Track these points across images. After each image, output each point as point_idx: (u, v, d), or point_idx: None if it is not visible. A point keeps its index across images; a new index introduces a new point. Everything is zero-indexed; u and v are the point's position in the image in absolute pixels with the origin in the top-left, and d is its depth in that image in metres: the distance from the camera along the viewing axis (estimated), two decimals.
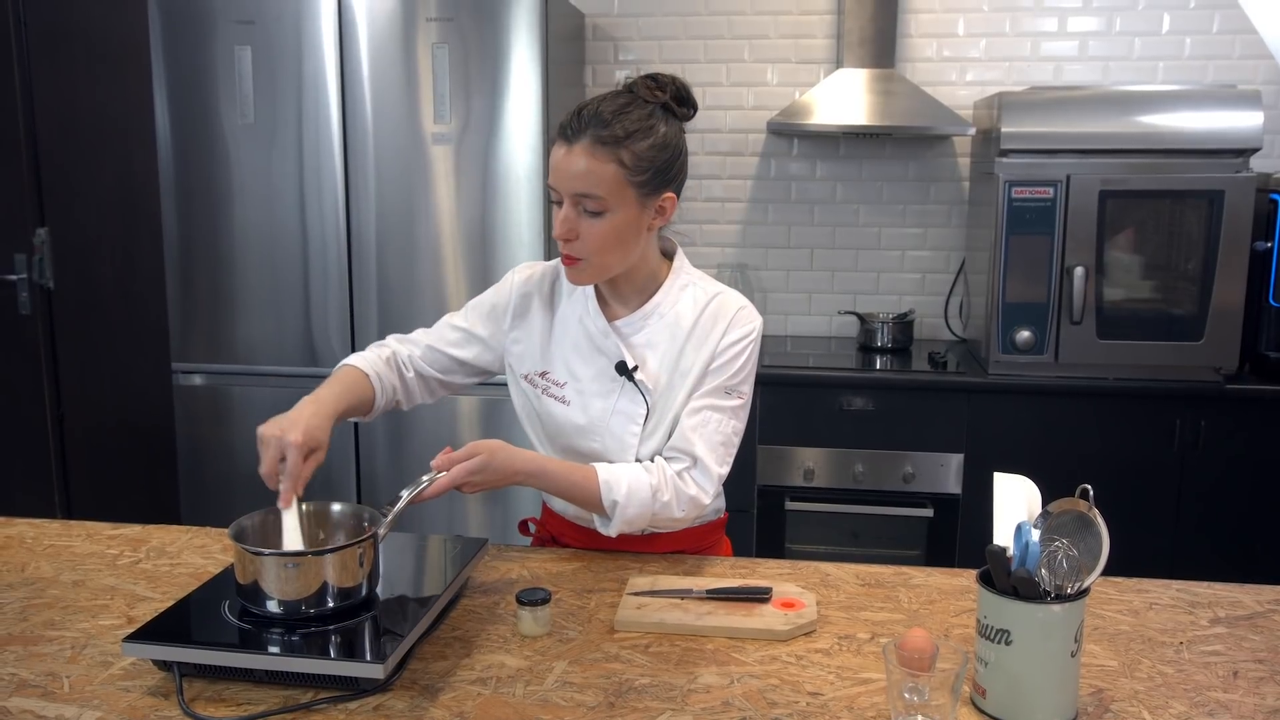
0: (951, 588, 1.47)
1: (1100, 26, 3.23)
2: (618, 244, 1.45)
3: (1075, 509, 1.14)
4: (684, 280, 1.57)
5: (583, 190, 1.41)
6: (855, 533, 2.95)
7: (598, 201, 1.42)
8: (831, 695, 1.17)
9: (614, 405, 1.54)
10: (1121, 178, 2.76)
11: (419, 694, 1.16)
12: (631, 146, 1.41)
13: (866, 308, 3.43)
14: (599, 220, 1.43)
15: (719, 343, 1.52)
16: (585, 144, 1.40)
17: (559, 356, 1.59)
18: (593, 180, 1.41)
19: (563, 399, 1.57)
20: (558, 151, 1.43)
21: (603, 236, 1.43)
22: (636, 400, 1.53)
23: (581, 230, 1.43)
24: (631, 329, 1.56)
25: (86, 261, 3.34)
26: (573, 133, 1.42)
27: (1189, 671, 1.23)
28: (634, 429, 1.53)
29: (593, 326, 1.56)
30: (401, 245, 2.85)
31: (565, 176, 1.42)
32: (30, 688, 1.17)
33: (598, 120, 1.41)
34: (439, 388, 1.67)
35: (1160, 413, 2.79)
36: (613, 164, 1.41)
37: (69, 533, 1.67)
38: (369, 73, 2.79)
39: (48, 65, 3.23)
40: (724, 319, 1.53)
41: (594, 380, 1.55)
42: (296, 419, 1.37)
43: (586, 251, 1.45)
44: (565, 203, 1.43)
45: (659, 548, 1.61)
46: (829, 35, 3.34)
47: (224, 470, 3.01)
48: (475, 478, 1.40)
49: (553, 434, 1.60)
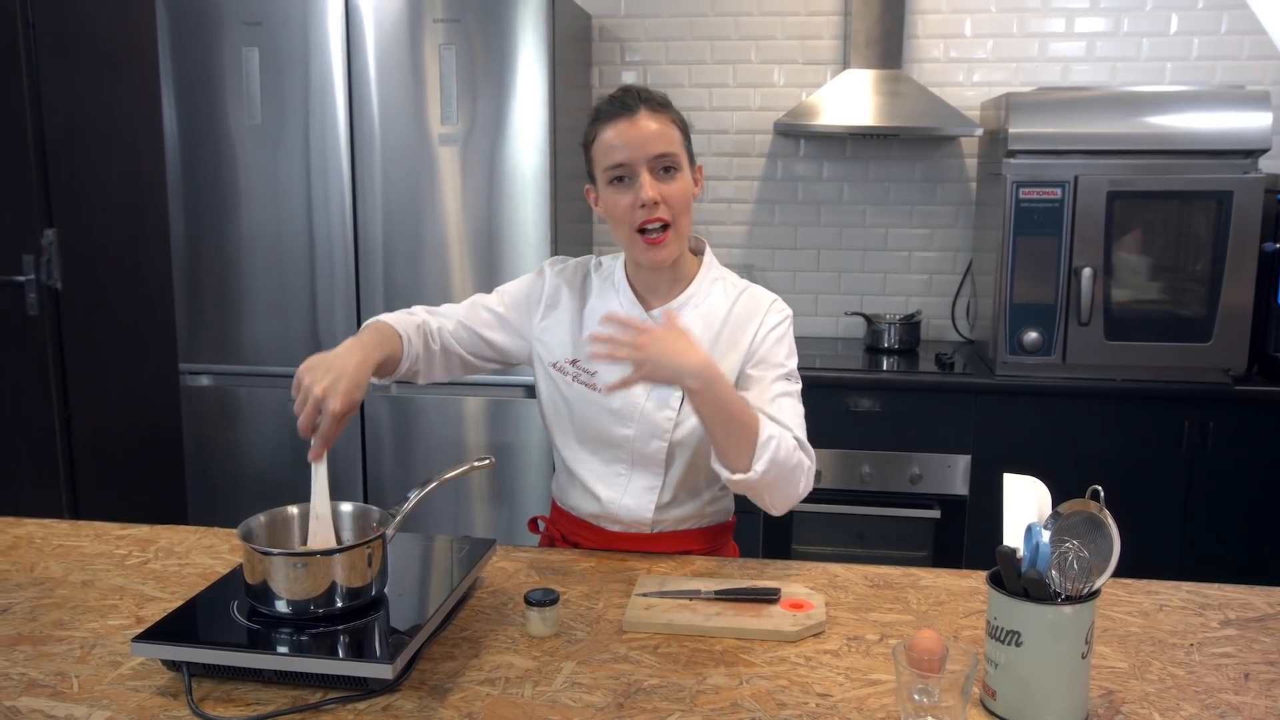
0: (960, 589, 1.47)
1: (1108, 27, 3.22)
2: (689, 206, 1.52)
3: (1086, 510, 1.13)
4: (714, 274, 1.63)
5: (661, 149, 1.48)
6: (861, 534, 2.94)
7: (672, 158, 1.48)
8: (841, 696, 1.16)
9: (649, 391, 1.55)
10: (1129, 179, 2.75)
11: (427, 694, 1.16)
12: (678, 114, 1.53)
13: (873, 309, 3.42)
14: (676, 179, 1.49)
15: (756, 335, 1.56)
16: (646, 111, 1.48)
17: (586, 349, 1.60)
18: (667, 139, 1.48)
19: (594, 385, 1.58)
20: (618, 125, 1.47)
21: (682, 195, 1.49)
22: (673, 386, 1.52)
23: (663, 193, 1.48)
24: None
25: (94, 263, 3.35)
26: (630, 105, 1.49)
27: (1200, 674, 1.22)
28: (669, 414, 1.55)
29: (629, 317, 1.56)
30: (408, 246, 2.86)
31: (640, 141, 1.47)
32: (40, 687, 1.18)
33: (646, 93, 1.51)
34: (460, 366, 1.66)
35: (1168, 414, 2.79)
36: (674, 126, 1.51)
37: (78, 533, 1.68)
38: (376, 74, 2.80)
39: (56, 67, 3.24)
40: (759, 311, 1.59)
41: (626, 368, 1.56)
42: (337, 380, 1.32)
43: (673, 214, 1.49)
44: (644, 170, 1.47)
45: (668, 549, 1.61)
46: (836, 36, 3.34)
47: (231, 471, 3.02)
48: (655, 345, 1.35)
49: (582, 422, 1.60)
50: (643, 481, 1.59)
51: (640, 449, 1.56)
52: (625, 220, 1.49)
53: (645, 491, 1.59)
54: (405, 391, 2.91)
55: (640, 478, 1.59)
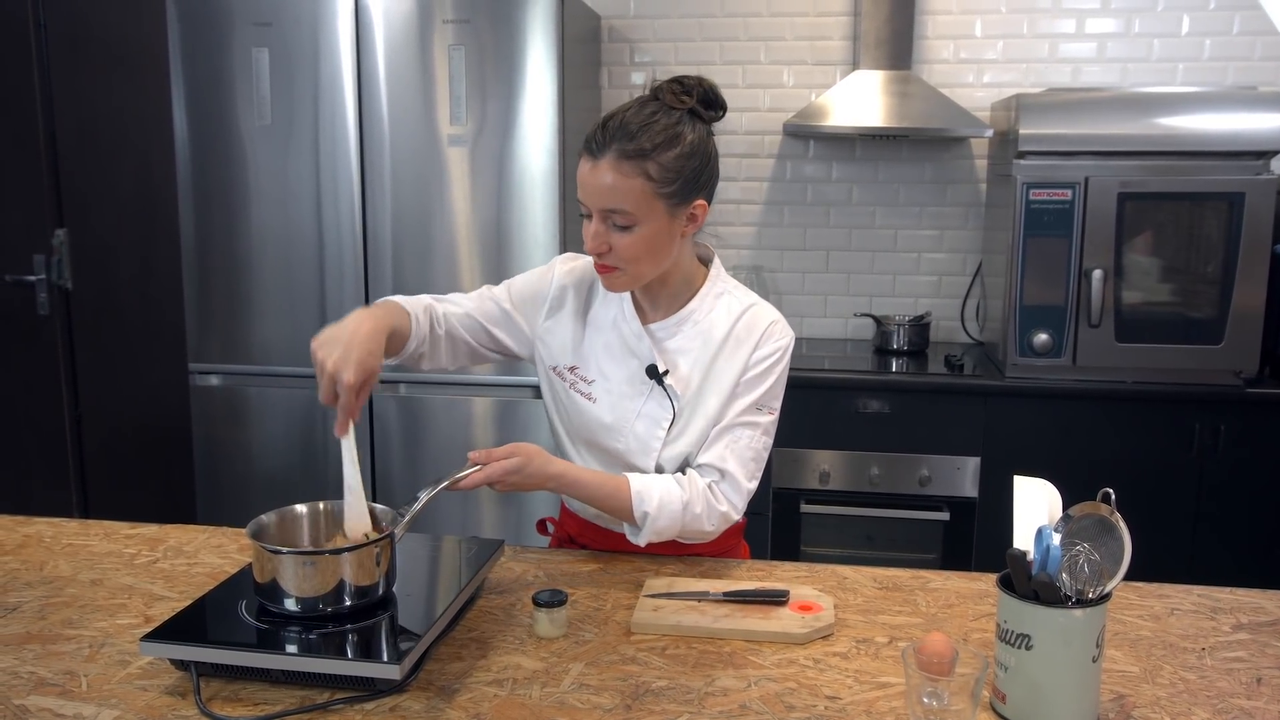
0: (970, 592, 1.46)
1: (1119, 28, 3.21)
2: (649, 254, 1.45)
3: (1097, 513, 1.13)
4: (719, 288, 1.57)
5: (610, 206, 1.40)
6: (870, 536, 2.93)
7: (625, 216, 1.40)
8: (849, 699, 1.16)
9: (640, 408, 1.54)
10: (1140, 180, 2.74)
11: (435, 695, 1.16)
12: (658, 158, 1.39)
13: (882, 310, 3.41)
14: (629, 234, 1.42)
15: (750, 356, 1.52)
16: (611, 159, 1.39)
17: (591, 354, 1.59)
18: (619, 195, 1.39)
19: (590, 395, 1.57)
20: (584, 166, 1.42)
21: (633, 248, 1.42)
22: (664, 404, 1.53)
23: (613, 243, 1.43)
24: (665, 334, 1.56)
25: (105, 263, 3.36)
26: (598, 147, 1.40)
27: (1211, 678, 1.21)
28: (659, 433, 1.53)
29: (627, 329, 1.56)
30: (417, 247, 2.86)
31: (592, 192, 1.41)
32: (48, 686, 1.18)
33: (623, 133, 1.39)
34: (466, 355, 1.64)
35: (1179, 417, 2.77)
36: (639, 178, 1.39)
37: (87, 532, 1.68)
38: (385, 74, 2.80)
39: (67, 68, 3.25)
40: (756, 332, 1.53)
41: (624, 382, 1.55)
42: (348, 351, 1.31)
43: (620, 262, 1.44)
44: (595, 217, 1.43)
45: (677, 551, 1.61)
46: (845, 37, 3.33)
47: (240, 470, 3.02)
48: (511, 478, 1.40)
49: (577, 428, 1.60)
50: None
51: (632, 461, 1.55)
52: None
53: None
54: (414, 392, 2.91)
55: None
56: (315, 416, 2.96)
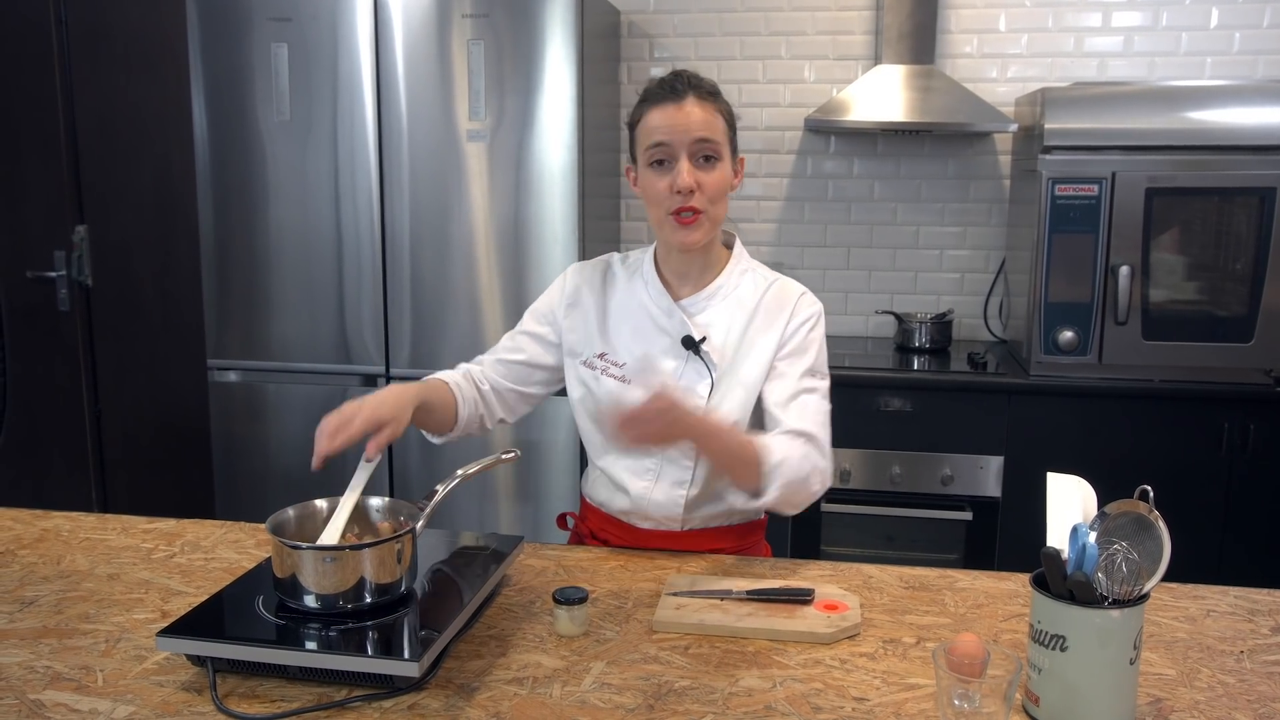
0: (999, 591, 1.43)
1: (1146, 21, 3.16)
2: (723, 196, 1.52)
3: (1134, 510, 1.10)
4: (744, 265, 1.62)
5: (704, 135, 1.47)
6: (891, 536, 2.90)
7: (713, 146, 1.48)
8: (877, 701, 1.13)
9: (678, 379, 1.55)
10: (1168, 175, 2.70)
11: (454, 693, 1.14)
12: (727, 104, 1.54)
13: (904, 307, 3.38)
14: (714, 169, 1.49)
15: (786, 327, 1.56)
16: (694, 98, 1.48)
17: (618, 338, 1.60)
18: (710, 126, 1.48)
19: (623, 378, 1.57)
20: (664, 110, 1.47)
21: (718, 185, 1.50)
22: (701, 373, 1.54)
23: (700, 180, 1.48)
24: (696, 308, 1.59)
25: (124, 259, 3.36)
26: (679, 90, 1.48)
27: (1252, 682, 1.18)
28: (699, 402, 1.54)
29: (655, 308, 1.58)
30: (435, 242, 2.85)
31: (684, 126, 1.47)
32: (64, 681, 1.16)
33: (695, 80, 1.51)
34: (517, 401, 1.67)
35: (1208, 416, 2.73)
36: (719, 115, 1.51)
37: (104, 526, 1.67)
38: (404, 69, 2.79)
39: (87, 65, 3.26)
40: (788, 303, 1.57)
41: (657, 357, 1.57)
42: (362, 402, 1.35)
43: (705, 202, 1.49)
44: (682, 157, 1.47)
45: (699, 546, 1.59)
46: (867, 31, 3.29)
47: (259, 466, 3.02)
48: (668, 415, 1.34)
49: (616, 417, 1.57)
50: (672, 476, 1.58)
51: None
52: (660, 203, 1.50)
53: (675, 486, 1.58)
54: None
55: (670, 472, 1.58)
56: None
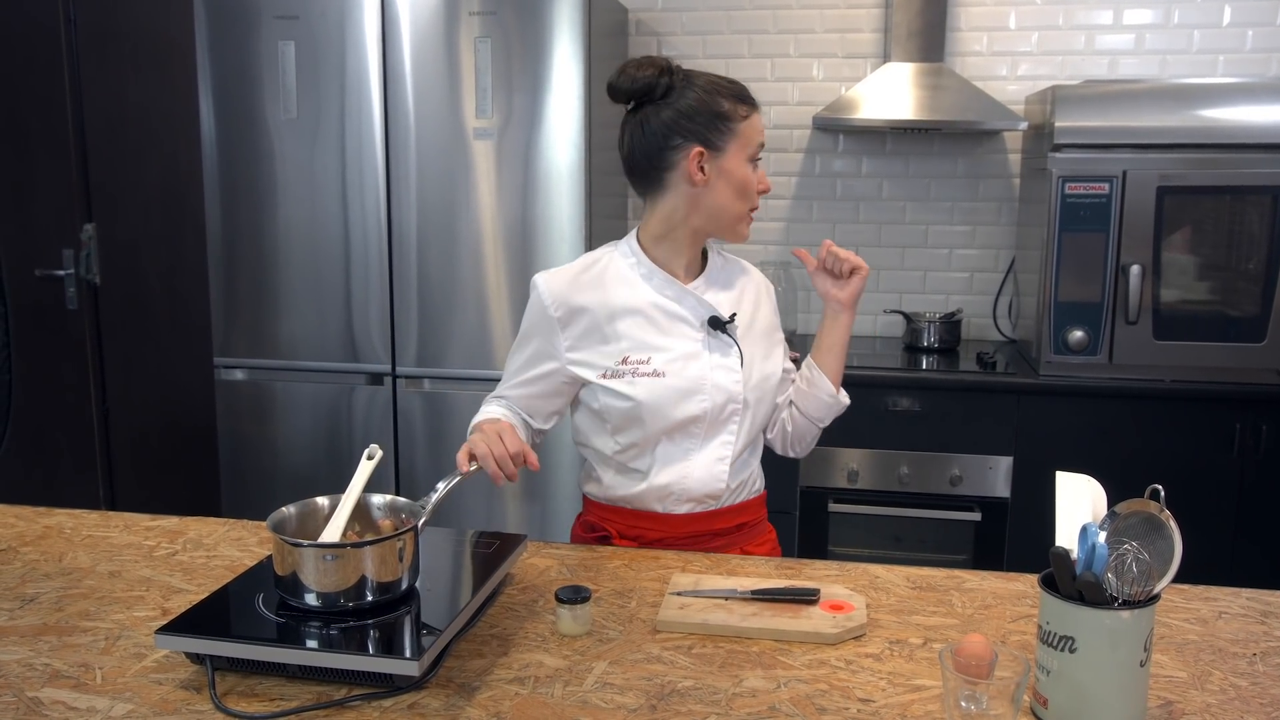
0: (1007, 592, 1.41)
1: (1158, 19, 3.14)
2: None
3: (1145, 510, 1.08)
4: (714, 247, 1.73)
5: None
6: (898, 536, 2.88)
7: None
8: (883, 702, 1.12)
9: (711, 360, 1.59)
10: (1180, 173, 2.67)
11: (455, 692, 1.13)
12: None
13: (913, 307, 3.36)
14: None
15: (770, 297, 1.73)
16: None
17: (636, 340, 1.57)
18: None
19: (655, 373, 1.56)
20: (756, 119, 1.59)
21: None
22: (729, 350, 1.60)
23: None
24: (703, 290, 1.63)
25: (132, 257, 3.36)
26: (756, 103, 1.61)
27: (1264, 684, 1.16)
28: (736, 376, 1.59)
29: (662, 296, 1.60)
30: (442, 241, 2.84)
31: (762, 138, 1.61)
32: (63, 678, 1.16)
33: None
34: (551, 414, 1.67)
35: (1219, 416, 2.70)
36: None
37: (107, 523, 1.67)
38: (411, 67, 2.78)
39: (95, 64, 3.26)
40: (757, 275, 1.74)
41: (682, 346, 1.59)
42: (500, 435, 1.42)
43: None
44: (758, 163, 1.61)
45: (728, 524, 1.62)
46: (876, 29, 3.28)
47: (265, 465, 3.02)
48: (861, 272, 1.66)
49: (650, 414, 1.55)
50: (714, 451, 1.60)
51: (715, 416, 1.58)
52: (749, 198, 1.59)
53: (717, 462, 1.60)
54: (437, 386, 2.89)
55: (712, 447, 1.60)
56: (340, 412, 2.95)
